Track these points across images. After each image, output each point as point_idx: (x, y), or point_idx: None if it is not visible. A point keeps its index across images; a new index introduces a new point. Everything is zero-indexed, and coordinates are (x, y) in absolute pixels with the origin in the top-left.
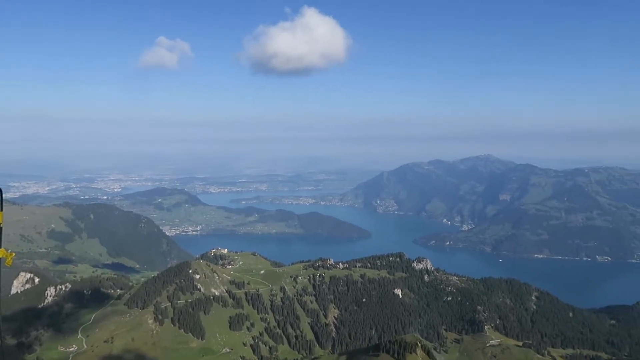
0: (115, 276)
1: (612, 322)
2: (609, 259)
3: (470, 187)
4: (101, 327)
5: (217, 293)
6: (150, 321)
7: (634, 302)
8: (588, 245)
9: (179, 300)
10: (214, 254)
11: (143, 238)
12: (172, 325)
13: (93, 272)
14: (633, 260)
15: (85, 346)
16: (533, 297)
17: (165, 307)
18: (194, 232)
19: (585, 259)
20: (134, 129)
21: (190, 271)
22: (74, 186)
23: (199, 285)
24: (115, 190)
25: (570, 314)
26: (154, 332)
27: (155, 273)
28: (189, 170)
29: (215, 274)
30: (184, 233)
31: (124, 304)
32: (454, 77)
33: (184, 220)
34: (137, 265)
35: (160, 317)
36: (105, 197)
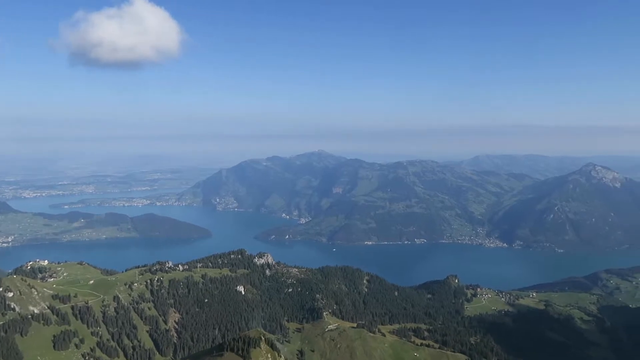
0: None
1: (429, 296)
2: (425, 241)
3: (306, 182)
4: None
5: (36, 311)
6: None
7: (445, 277)
8: (408, 230)
9: None
10: (32, 267)
11: None
12: None
13: None
14: (443, 241)
15: None
16: (364, 281)
17: None
18: (5, 244)
19: (406, 242)
20: None
21: (1, 289)
22: None
23: (12, 304)
24: None
25: (396, 293)
26: None
27: None
28: None
29: (33, 290)
30: None
31: None
32: (286, 75)
33: None
34: None
35: None
36: None
